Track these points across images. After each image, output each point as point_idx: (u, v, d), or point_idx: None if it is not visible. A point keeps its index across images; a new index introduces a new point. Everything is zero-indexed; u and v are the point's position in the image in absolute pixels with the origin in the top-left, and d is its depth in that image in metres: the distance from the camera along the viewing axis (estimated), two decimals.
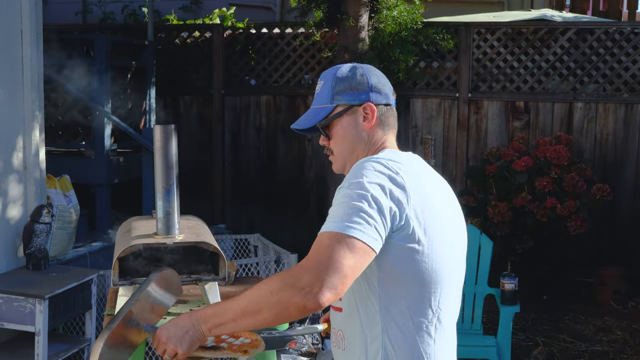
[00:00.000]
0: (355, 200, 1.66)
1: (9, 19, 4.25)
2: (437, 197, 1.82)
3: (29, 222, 4.19)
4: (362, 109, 1.91)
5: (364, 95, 1.91)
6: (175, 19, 8.08)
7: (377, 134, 1.93)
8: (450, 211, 1.87)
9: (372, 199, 1.66)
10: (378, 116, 1.92)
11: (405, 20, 5.83)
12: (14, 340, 4.19)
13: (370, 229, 1.64)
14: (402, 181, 1.72)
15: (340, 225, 1.64)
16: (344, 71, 1.94)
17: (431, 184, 1.84)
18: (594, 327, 5.50)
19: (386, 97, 1.93)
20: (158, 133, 2.61)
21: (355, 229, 1.63)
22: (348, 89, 1.92)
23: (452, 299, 1.85)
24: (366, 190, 1.67)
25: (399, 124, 7.55)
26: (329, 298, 1.60)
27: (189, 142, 7.07)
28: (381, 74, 1.97)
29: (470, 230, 4.69)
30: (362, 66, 1.96)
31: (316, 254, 1.63)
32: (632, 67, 6.28)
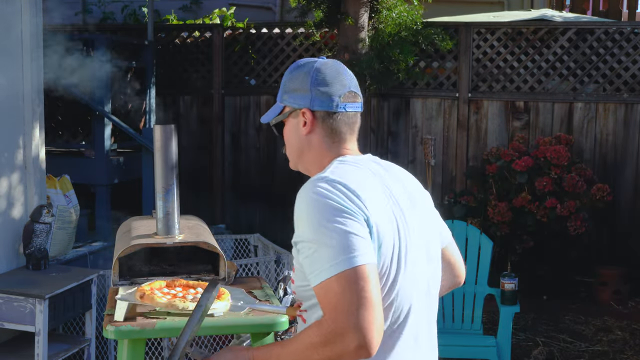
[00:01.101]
0: (331, 237, 1.56)
1: (8, 19, 4.25)
2: (390, 203, 1.70)
3: (29, 222, 4.19)
4: (301, 114, 1.80)
5: (304, 100, 1.79)
6: (175, 19, 8.08)
7: (323, 141, 1.80)
8: (409, 212, 1.75)
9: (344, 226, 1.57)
10: (319, 123, 1.79)
11: (405, 21, 5.83)
12: (14, 340, 4.19)
13: (361, 248, 1.56)
14: (358, 201, 1.61)
15: (336, 266, 1.54)
16: (296, 68, 1.83)
17: (384, 189, 1.72)
18: (594, 327, 5.50)
19: (329, 104, 1.78)
20: (158, 133, 2.62)
21: (350, 259, 1.54)
22: (292, 90, 1.82)
23: (419, 316, 1.75)
24: (331, 223, 1.57)
25: (400, 124, 7.49)
26: (376, 337, 1.52)
27: (189, 142, 7.07)
28: (336, 74, 1.80)
29: (470, 230, 4.69)
30: (316, 65, 1.81)
31: (335, 306, 1.53)
32: (632, 67, 6.28)
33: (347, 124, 1.81)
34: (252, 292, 2.84)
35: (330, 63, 1.83)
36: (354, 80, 1.84)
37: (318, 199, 1.61)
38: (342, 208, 1.59)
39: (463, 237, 4.69)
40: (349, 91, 1.80)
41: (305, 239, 1.60)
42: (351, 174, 1.69)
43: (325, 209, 1.59)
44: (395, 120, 6.73)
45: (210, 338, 4.68)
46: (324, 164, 1.78)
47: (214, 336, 4.66)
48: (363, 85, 5.91)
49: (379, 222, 1.63)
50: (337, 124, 1.80)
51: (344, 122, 1.80)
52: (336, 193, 1.61)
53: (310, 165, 1.84)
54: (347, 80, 1.81)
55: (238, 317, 2.57)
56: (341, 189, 1.62)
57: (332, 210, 1.59)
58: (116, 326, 2.45)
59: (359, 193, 1.63)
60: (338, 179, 1.64)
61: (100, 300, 4.43)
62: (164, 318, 2.52)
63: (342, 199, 1.60)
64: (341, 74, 1.81)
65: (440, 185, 6.60)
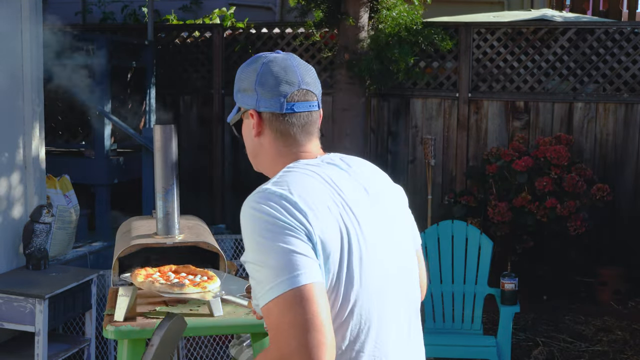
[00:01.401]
0: (270, 257, 1.44)
1: (9, 19, 4.25)
2: (342, 213, 1.54)
3: (29, 222, 4.19)
4: (250, 115, 1.69)
5: (250, 100, 1.67)
6: (175, 19, 8.08)
7: (275, 144, 1.67)
8: (373, 217, 1.60)
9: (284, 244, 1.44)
10: (267, 125, 1.66)
11: (405, 21, 5.83)
12: (14, 340, 4.19)
13: (303, 266, 1.42)
14: (299, 211, 1.48)
15: (275, 288, 1.41)
16: (244, 66, 1.70)
17: (334, 197, 1.56)
18: (594, 327, 5.50)
19: (275, 105, 1.64)
20: (158, 133, 2.62)
21: (290, 279, 1.41)
22: (242, 89, 1.69)
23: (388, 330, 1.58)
24: (270, 241, 1.45)
25: (400, 124, 7.49)
26: (328, 353, 1.38)
27: (189, 142, 7.07)
28: (283, 72, 1.65)
29: (470, 230, 4.69)
30: (264, 62, 1.67)
31: (277, 330, 1.40)
32: (632, 67, 6.28)
33: (299, 126, 1.66)
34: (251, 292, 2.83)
35: (279, 59, 1.68)
36: (307, 77, 1.68)
37: (255, 214, 1.49)
38: (281, 224, 1.45)
39: (463, 237, 4.69)
40: (298, 89, 1.65)
41: (249, 259, 1.48)
42: (295, 183, 1.53)
43: (263, 226, 1.47)
44: (395, 120, 6.73)
45: (210, 338, 4.68)
46: (277, 169, 1.65)
47: (214, 336, 4.66)
48: (363, 85, 5.91)
49: (324, 235, 1.48)
50: (286, 126, 1.66)
51: (295, 124, 1.66)
52: (275, 207, 1.48)
53: (266, 169, 1.73)
54: (296, 77, 1.66)
55: (238, 317, 2.57)
56: (280, 203, 1.48)
57: (270, 228, 1.46)
58: (116, 326, 2.45)
59: (300, 206, 1.48)
60: (278, 191, 1.51)
61: (100, 300, 4.43)
62: (159, 318, 2.52)
63: (281, 213, 1.47)
64: (290, 71, 1.66)
65: (440, 185, 6.60)
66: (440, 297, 4.67)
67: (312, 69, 1.72)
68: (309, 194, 1.52)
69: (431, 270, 4.72)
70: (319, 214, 1.50)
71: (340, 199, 1.56)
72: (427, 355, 3.93)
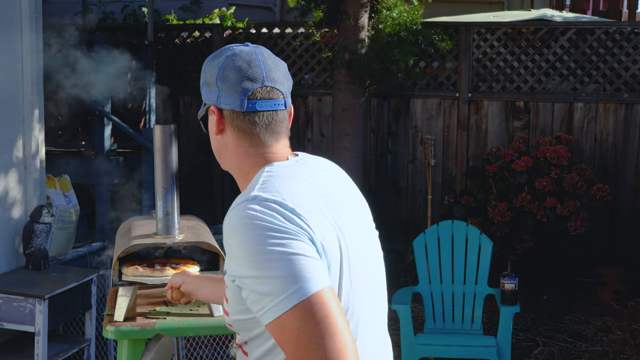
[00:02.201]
0: (275, 267, 1.33)
1: (9, 19, 4.25)
2: (332, 215, 1.48)
3: (29, 222, 4.19)
4: (211, 111, 1.59)
5: (212, 96, 1.57)
6: (175, 19, 8.08)
7: (239, 144, 1.57)
8: (352, 217, 1.55)
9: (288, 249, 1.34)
10: (228, 123, 1.56)
11: (404, 21, 5.83)
12: (14, 340, 4.19)
13: (313, 270, 1.34)
14: (297, 220, 1.38)
15: (288, 299, 1.31)
16: (209, 59, 1.59)
17: (322, 199, 1.48)
18: (594, 327, 5.50)
19: (235, 102, 1.53)
20: (158, 133, 2.61)
21: (303, 288, 1.32)
22: (205, 83, 1.59)
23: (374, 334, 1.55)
24: (272, 249, 1.34)
25: (400, 124, 7.47)
26: (352, 356, 1.30)
27: (189, 142, 7.07)
28: (248, 68, 1.54)
29: (470, 230, 4.69)
30: (229, 55, 1.56)
31: (296, 345, 1.30)
32: (632, 67, 6.28)
33: (262, 125, 1.55)
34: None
35: (245, 52, 1.56)
36: (274, 72, 1.56)
37: (250, 223, 1.36)
38: (281, 229, 1.35)
39: (463, 237, 4.69)
40: (262, 86, 1.53)
41: (244, 274, 1.36)
42: (284, 188, 1.44)
43: (262, 235, 1.34)
44: (395, 120, 6.73)
45: (210, 338, 4.68)
46: (244, 170, 1.57)
47: (214, 336, 4.66)
48: (363, 85, 5.91)
49: (324, 239, 1.41)
50: (248, 125, 1.55)
51: (258, 123, 1.54)
52: (271, 214, 1.37)
53: (232, 169, 1.63)
54: (261, 72, 1.54)
55: None
56: (276, 209, 1.38)
57: (270, 235, 1.34)
58: (116, 326, 2.45)
59: (298, 211, 1.39)
60: (271, 197, 1.40)
61: (100, 300, 4.43)
62: (164, 318, 2.52)
63: (279, 219, 1.36)
64: (254, 66, 1.54)
65: (440, 185, 6.60)
66: (440, 297, 4.67)
67: (282, 64, 1.60)
68: (301, 199, 1.43)
69: (431, 270, 4.73)
70: (316, 218, 1.42)
71: (328, 201, 1.49)
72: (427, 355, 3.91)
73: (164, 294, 2.78)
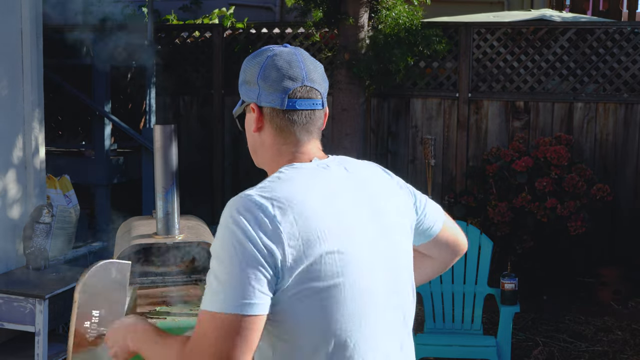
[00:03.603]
0: (225, 272, 1.41)
1: (9, 19, 4.25)
2: (338, 219, 1.50)
3: (29, 222, 4.19)
4: (250, 109, 1.63)
5: (252, 94, 1.61)
6: (175, 19, 8.08)
7: (275, 141, 1.61)
8: (370, 228, 1.56)
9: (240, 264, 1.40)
10: (268, 120, 1.60)
11: (404, 21, 5.83)
12: (14, 340, 4.19)
13: (252, 296, 1.40)
14: (275, 227, 1.43)
15: (217, 304, 1.40)
16: (249, 58, 1.64)
17: (331, 202, 1.52)
18: (594, 327, 5.50)
19: (276, 100, 1.58)
20: (158, 133, 2.62)
21: (236, 306, 1.39)
22: (245, 82, 1.64)
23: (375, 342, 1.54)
24: (233, 257, 1.41)
25: (400, 124, 7.48)
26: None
27: (189, 142, 7.07)
28: (289, 68, 1.59)
29: (470, 230, 4.69)
30: (269, 55, 1.62)
31: (203, 338, 1.40)
32: (632, 67, 6.28)
33: (299, 124, 1.60)
34: None
35: (285, 52, 1.62)
36: (313, 73, 1.62)
37: (231, 226, 1.43)
38: (250, 238, 1.41)
39: None
40: (302, 86, 1.59)
41: (213, 265, 1.44)
42: (282, 192, 1.48)
43: (234, 242, 1.41)
44: (395, 120, 6.73)
45: None
46: (275, 168, 1.60)
47: None
48: (363, 85, 5.91)
49: (302, 247, 1.43)
50: (287, 123, 1.59)
51: (296, 122, 1.59)
52: (250, 217, 1.42)
53: (266, 166, 1.67)
54: (300, 72, 1.59)
55: None
56: (257, 215, 1.43)
57: (239, 248, 1.41)
58: None
59: (278, 219, 1.43)
60: (259, 201, 1.45)
61: None
62: (164, 318, 2.52)
63: (255, 231, 1.41)
64: (294, 66, 1.59)
65: (440, 185, 6.60)
66: (440, 297, 4.67)
67: (319, 66, 1.65)
68: (294, 206, 1.46)
69: None
70: (300, 227, 1.44)
71: (331, 209, 1.50)
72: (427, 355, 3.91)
73: (164, 294, 2.79)
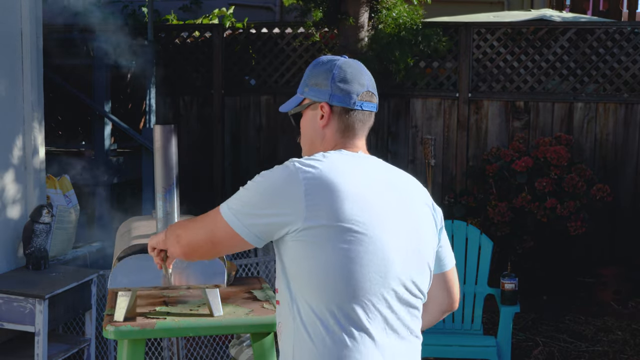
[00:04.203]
0: (248, 189, 1.81)
1: (8, 19, 4.25)
2: (370, 199, 1.77)
3: (29, 222, 4.19)
4: (320, 107, 1.92)
5: (324, 95, 1.91)
6: (175, 19, 8.07)
7: (335, 135, 1.92)
8: (398, 211, 1.82)
9: (258, 196, 1.78)
10: (335, 118, 1.91)
11: (404, 21, 5.83)
12: (14, 340, 4.19)
13: (245, 219, 1.77)
14: (300, 187, 1.73)
15: (225, 207, 1.82)
16: (318, 64, 1.95)
17: (362, 187, 1.78)
18: (594, 327, 5.50)
19: (347, 101, 1.90)
20: (158, 133, 2.61)
21: (232, 215, 1.79)
22: (314, 84, 1.93)
23: (372, 310, 1.74)
24: (260, 185, 1.80)
25: (400, 124, 7.48)
26: (185, 253, 1.95)
27: (189, 142, 7.07)
28: (356, 74, 1.92)
29: (470, 230, 4.69)
30: (339, 62, 1.93)
31: (201, 218, 1.90)
32: (632, 67, 6.28)
33: (360, 122, 1.92)
34: (251, 292, 2.84)
35: (352, 62, 1.94)
36: (372, 81, 1.95)
37: (272, 169, 1.83)
38: (277, 186, 1.77)
39: (463, 237, 4.69)
40: (366, 91, 1.91)
41: (249, 183, 1.83)
42: (323, 164, 1.78)
43: (264, 179, 1.81)
44: (395, 120, 6.73)
45: (210, 338, 4.68)
46: None
47: (214, 336, 4.66)
48: None
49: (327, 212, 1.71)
50: (351, 121, 1.91)
51: (358, 120, 1.91)
52: (285, 172, 1.79)
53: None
54: (366, 80, 1.92)
55: (238, 317, 2.57)
56: (293, 173, 1.77)
57: (268, 182, 1.80)
58: (116, 326, 2.45)
59: (310, 183, 1.74)
60: (299, 165, 1.78)
61: (100, 300, 4.43)
62: (164, 318, 2.52)
63: (284, 180, 1.77)
64: (361, 74, 1.92)
65: (440, 185, 6.60)
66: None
67: (372, 77, 1.98)
68: (332, 176, 1.75)
69: None
70: (333, 196, 1.72)
71: (363, 190, 1.77)
72: (427, 355, 3.92)
73: (164, 294, 2.79)
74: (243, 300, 2.76)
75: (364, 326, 1.71)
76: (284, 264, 1.78)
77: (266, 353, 2.61)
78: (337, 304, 1.70)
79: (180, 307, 2.65)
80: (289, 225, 1.72)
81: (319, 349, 1.70)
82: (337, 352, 1.70)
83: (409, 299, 1.80)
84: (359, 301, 1.71)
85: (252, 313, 2.59)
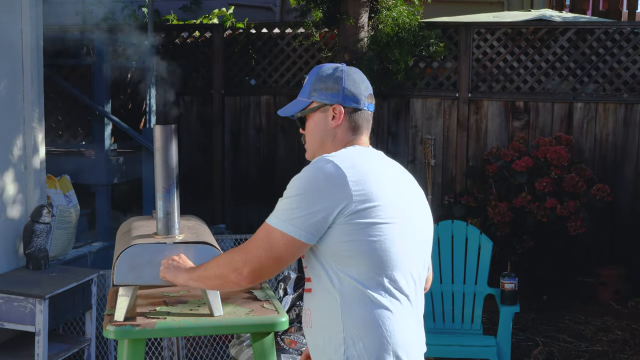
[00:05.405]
0: (291, 197, 1.94)
1: (9, 19, 4.25)
2: (394, 185, 2.01)
3: (29, 222, 4.19)
4: (332, 109, 2.11)
5: (336, 97, 2.10)
6: (175, 19, 8.08)
7: (345, 134, 2.11)
8: (412, 198, 2.07)
9: (304, 198, 1.92)
10: (346, 118, 2.11)
11: (404, 21, 5.83)
12: (14, 340, 4.19)
13: (300, 222, 1.90)
14: (343, 176, 1.91)
15: (274, 219, 1.95)
16: (325, 71, 2.14)
17: (386, 174, 2.01)
18: (594, 327, 5.50)
19: (357, 102, 2.12)
20: (158, 133, 2.61)
21: (285, 223, 1.92)
22: (324, 89, 2.12)
23: (409, 278, 2.01)
24: (302, 188, 1.93)
25: (400, 124, 7.50)
26: (252, 281, 2.00)
27: (189, 142, 7.07)
28: (361, 78, 2.15)
29: (470, 230, 4.69)
30: (344, 69, 2.13)
31: (251, 242, 1.99)
32: (632, 67, 6.28)
33: (366, 120, 2.14)
34: (252, 292, 2.84)
35: (353, 69, 2.17)
36: (370, 85, 2.19)
37: (309, 169, 1.97)
38: (319, 186, 1.92)
39: (463, 237, 4.70)
40: (369, 93, 2.16)
41: (289, 191, 1.97)
42: (348, 158, 1.97)
43: (306, 180, 1.95)
44: (395, 120, 6.73)
45: (210, 338, 4.68)
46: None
47: (214, 336, 4.66)
48: None
49: (367, 198, 1.91)
50: (359, 119, 2.12)
51: (364, 118, 2.13)
52: (325, 171, 1.93)
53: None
54: (367, 84, 2.17)
55: (238, 317, 2.57)
56: (331, 170, 1.93)
57: (310, 184, 1.93)
58: (116, 326, 2.45)
59: (347, 175, 1.91)
60: (333, 161, 1.95)
61: (100, 300, 4.43)
62: (164, 318, 2.52)
63: (325, 179, 1.92)
64: (363, 79, 2.17)
65: (440, 185, 6.60)
66: (440, 297, 4.67)
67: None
68: (358, 169, 1.94)
69: None
70: (363, 184, 1.91)
71: (386, 173, 2.01)
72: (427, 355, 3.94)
73: (164, 294, 2.79)
74: (243, 300, 2.76)
75: (405, 292, 1.98)
76: (328, 248, 1.94)
77: (266, 353, 2.61)
78: (386, 274, 1.94)
79: (180, 307, 2.65)
80: (339, 212, 1.90)
81: (372, 315, 1.93)
82: (388, 313, 1.95)
83: (422, 275, 2.08)
84: (403, 271, 1.97)
85: (252, 313, 2.59)
